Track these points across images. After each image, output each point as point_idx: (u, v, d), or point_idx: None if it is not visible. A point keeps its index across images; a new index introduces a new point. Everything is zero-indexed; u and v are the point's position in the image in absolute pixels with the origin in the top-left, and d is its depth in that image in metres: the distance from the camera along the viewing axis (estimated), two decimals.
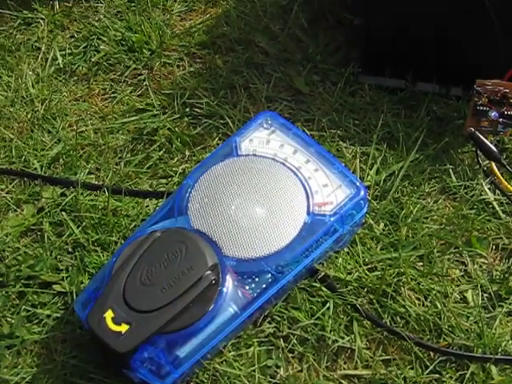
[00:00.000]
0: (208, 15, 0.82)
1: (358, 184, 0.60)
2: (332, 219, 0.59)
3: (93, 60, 0.78)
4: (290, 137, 0.63)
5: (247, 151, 0.62)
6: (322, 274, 0.60)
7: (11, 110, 0.74)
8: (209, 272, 0.54)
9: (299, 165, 0.61)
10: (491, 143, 0.68)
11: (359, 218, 0.61)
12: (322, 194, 0.60)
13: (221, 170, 0.61)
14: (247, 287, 0.56)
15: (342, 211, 0.59)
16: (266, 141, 0.63)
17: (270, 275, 0.56)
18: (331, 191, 0.60)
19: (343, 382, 0.57)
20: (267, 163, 0.61)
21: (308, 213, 0.59)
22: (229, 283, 0.55)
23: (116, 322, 0.53)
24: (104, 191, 0.66)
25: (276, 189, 0.59)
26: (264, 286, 0.56)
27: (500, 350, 0.58)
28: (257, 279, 0.56)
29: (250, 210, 0.58)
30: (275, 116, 0.65)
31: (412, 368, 0.57)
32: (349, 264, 0.62)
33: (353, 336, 0.58)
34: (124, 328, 0.53)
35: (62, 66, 0.78)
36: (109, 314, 0.53)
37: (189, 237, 0.56)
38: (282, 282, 0.57)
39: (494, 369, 0.57)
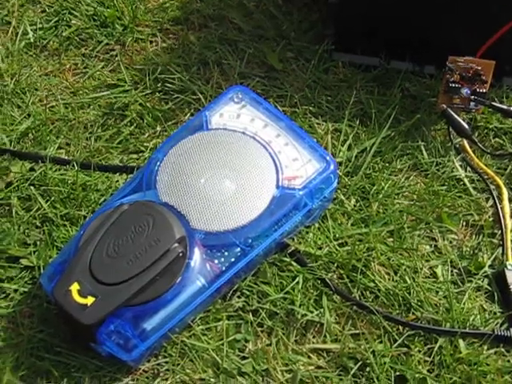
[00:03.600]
0: None
1: (327, 158, 0.60)
2: (301, 193, 0.58)
3: (64, 35, 0.77)
4: (261, 111, 0.63)
5: (217, 125, 0.62)
6: (292, 248, 0.60)
7: None
8: (176, 245, 0.54)
9: (269, 139, 0.61)
10: (463, 120, 0.68)
11: (329, 193, 0.61)
12: (291, 168, 0.59)
13: (190, 144, 0.60)
14: (216, 261, 0.56)
15: (312, 185, 0.59)
16: (236, 115, 0.62)
17: (238, 249, 0.56)
18: (301, 165, 0.59)
19: (312, 355, 0.57)
20: (237, 137, 0.61)
21: (277, 186, 0.58)
22: (197, 256, 0.55)
23: (82, 294, 0.52)
24: (73, 166, 0.65)
25: (246, 162, 0.59)
26: (233, 259, 0.56)
27: (468, 324, 0.58)
28: (225, 253, 0.56)
29: (219, 183, 0.58)
30: (246, 90, 0.64)
31: (381, 342, 0.57)
32: (319, 239, 0.62)
33: (322, 310, 0.58)
34: (90, 300, 0.52)
35: (32, 40, 0.77)
36: (74, 287, 0.53)
37: (156, 209, 0.56)
38: (250, 256, 0.56)
39: (461, 342, 0.57)
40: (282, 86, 0.73)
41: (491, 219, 0.65)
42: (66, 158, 0.67)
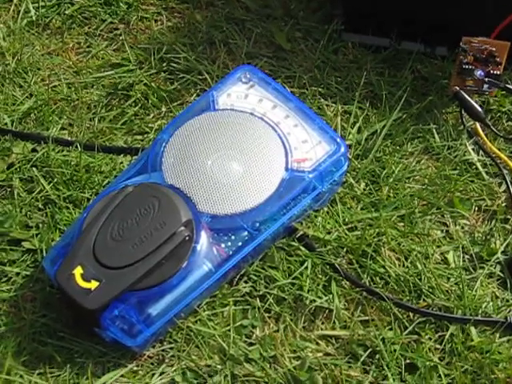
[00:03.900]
0: None
1: (338, 140, 0.59)
2: (311, 176, 0.57)
3: (67, 13, 0.76)
4: (270, 91, 0.61)
5: (225, 106, 0.60)
6: (301, 232, 0.59)
7: None
8: (182, 228, 0.53)
9: (278, 120, 0.59)
10: (476, 103, 0.67)
11: (339, 176, 0.59)
12: (301, 150, 0.58)
13: (197, 125, 0.59)
14: (222, 245, 0.54)
15: (322, 168, 0.57)
16: (244, 95, 0.61)
17: (246, 232, 0.55)
18: (311, 147, 0.58)
19: (320, 342, 0.55)
20: (245, 118, 0.59)
21: (286, 169, 0.57)
22: (203, 240, 0.54)
23: (85, 278, 0.51)
24: (76, 147, 0.64)
25: (254, 144, 0.58)
26: (240, 243, 0.55)
27: (480, 311, 0.57)
28: (232, 236, 0.55)
29: (226, 165, 0.57)
30: (254, 70, 0.63)
31: (391, 329, 0.56)
32: (328, 223, 0.61)
33: (331, 296, 0.57)
34: (94, 285, 0.51)
35: (34, 18, 0.75)
36: (78, 271, 0.51)
37: (162, 192, 0.54)
38: (258, 240, 0.55)
39: (473, 330, 0.56)
40: (291, 67, 0.71)
41: (504, 204, 0.63)
42: (69, 138, 0.66)
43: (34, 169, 0.63)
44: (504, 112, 0.69)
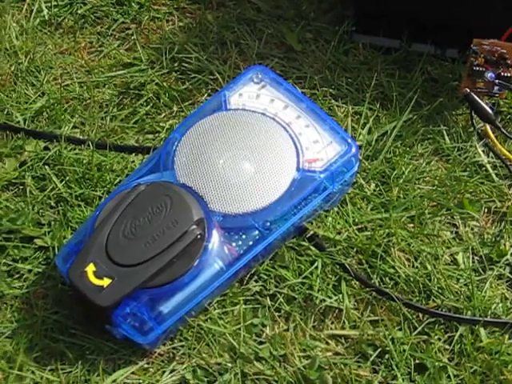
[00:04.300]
0: None
1: (349, 141, 0.59)
2: (322, 176, 0.57)
3: (79, 12, 0.76)
4: (281, 92, 0.62)
5: (236, 105, 0.61)
6: (311, 232, 0.59)
7: None
8: (194, 226, 0.53)
9: (290, 120, 0.60)
10: (486, 105, 0.67)
11: (350, 176, 0.59)
12: (312, 151, 0.58)
13: (209, 124, 0.59)
14: (234, 243, 0.55)
15: (333, 168, 0.58)
16: (255, 95, 0.61)
17: (257, 232, 0.55)
18: (322, 148, 0.58)
19: (330, 341, 0.56)
20: (257, 118, 0.59)
21: (297, 169, 0.57)
22: (215, 239, 0.54)
23: (98, 275, 0.51)
24: (88, 145, 0.64)
25: (265, 144, 0.58)
26: (251, 242, 0.55)
27: (489, 312, 0.57)
28: (244, 236, 0.55)
29: (238, 164, 0.57)
30: (266, 70, 0.63)
31: (400, 329, 0.56)
32: (338, 223, 0.61)
33: (341, 296, 0.57)
34: (106, 282, 0.51)
35: (47, 18, 0.76)
36: (90, 268, 0.52)
37: (174, 190, 0.55)
38: (269, 239, 0.55)
39: (482, 331, 0.56)
40: (301, 68, 0.71)
41: None
42: (81, 137, 0.66)
43: (46, 167, 0.63)
44: None
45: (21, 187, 0.63)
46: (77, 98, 0.69)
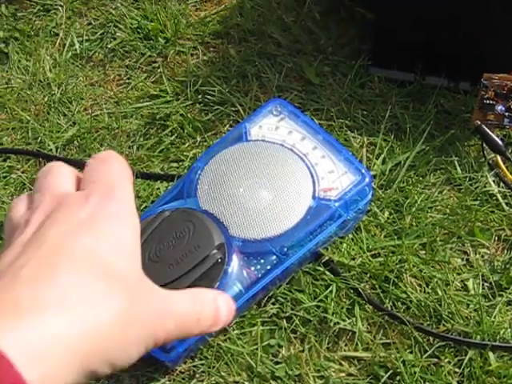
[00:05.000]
0: (222, 6, 0.84)
1: (363, 171, 0.62)
2: (337, 204, 0.60)
3: (109, 46, 0.80)
4: (299, 124, 0.64)
5: (256, 137, 0.64)
6: (326, 258, 0.62)
7: (29, 92, 0.76)
8: (215, 251, 0.56)
9: (307, 151, 0.62)
10: (497, 137, 0.69)
11: (364, 205, 0.62)
12: (327, 180, 0.61)
13: (230, 154, 0.62)
14: (252, 267, 0.57)
15: (347, 197, 0.60)
16: (275, 127, 0.64)
17: (274, 257, 0.58)
18: (337, 177, 0.61)
19: (343, 362, 0.58)
20: (275, 149, 0.62)
21: (313, 197, 0.60)
22: (234, 263, 0.57)
23: None
24: None
25: (283, 173, 0.61)
26: (269, 266, 0.58)
27: (498, 337, 0.59)
28: (262, 260, 0.58)
29: (257, 192, 0.60)
30: (285, 103, 0.66)
31: (411, 352, 0.58)
32: (353, 250, 0.63)
33: (354, 319, 0.60)
34: None
35: (78, 51, 0.80)
36: None
37: (197, 216, 0.58)
38: (286, 264, 0.58)
39: (491, 355, 0.58)
40: (319, 100, 0.74)
41: None
42: None
43: None
44: None
45: None
46: (106, 127, 0.73)
